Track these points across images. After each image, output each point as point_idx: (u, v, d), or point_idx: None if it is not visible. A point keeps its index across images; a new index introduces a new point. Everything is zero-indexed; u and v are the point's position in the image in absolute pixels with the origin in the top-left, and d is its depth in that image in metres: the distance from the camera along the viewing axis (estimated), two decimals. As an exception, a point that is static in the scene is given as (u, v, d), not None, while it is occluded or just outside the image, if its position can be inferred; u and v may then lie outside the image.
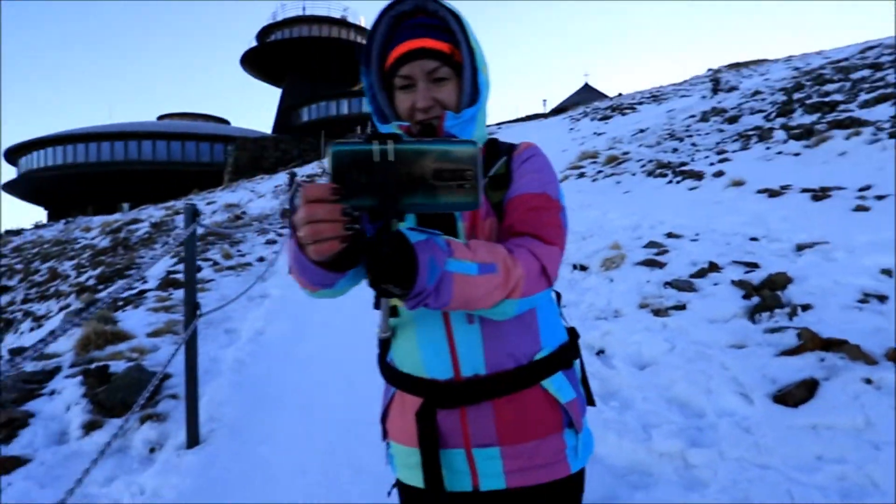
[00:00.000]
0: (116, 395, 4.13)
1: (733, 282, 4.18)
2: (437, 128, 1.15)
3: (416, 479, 1.23)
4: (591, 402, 1.32)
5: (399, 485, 1.32)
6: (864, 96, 9.64)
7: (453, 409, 1.17)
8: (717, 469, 2.44)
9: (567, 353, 1.24)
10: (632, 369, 3.52)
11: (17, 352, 6.42)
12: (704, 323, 3.73)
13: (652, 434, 2.81)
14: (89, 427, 3.89)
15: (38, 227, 26.42)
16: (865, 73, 11.79)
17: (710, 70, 28.81)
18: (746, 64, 27.56)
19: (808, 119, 9.57)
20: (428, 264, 0.91)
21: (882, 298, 3.49)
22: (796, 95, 11.71)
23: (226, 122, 57.85)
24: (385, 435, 1.33)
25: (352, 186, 0.87)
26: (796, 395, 2.71)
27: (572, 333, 1.30)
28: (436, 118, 1.15)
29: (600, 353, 3.89)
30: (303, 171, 23.50)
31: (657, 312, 4.13)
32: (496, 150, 1.25)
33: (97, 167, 43.95)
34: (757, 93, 14.06)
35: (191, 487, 2.94)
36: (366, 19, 57.76)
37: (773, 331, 3.36)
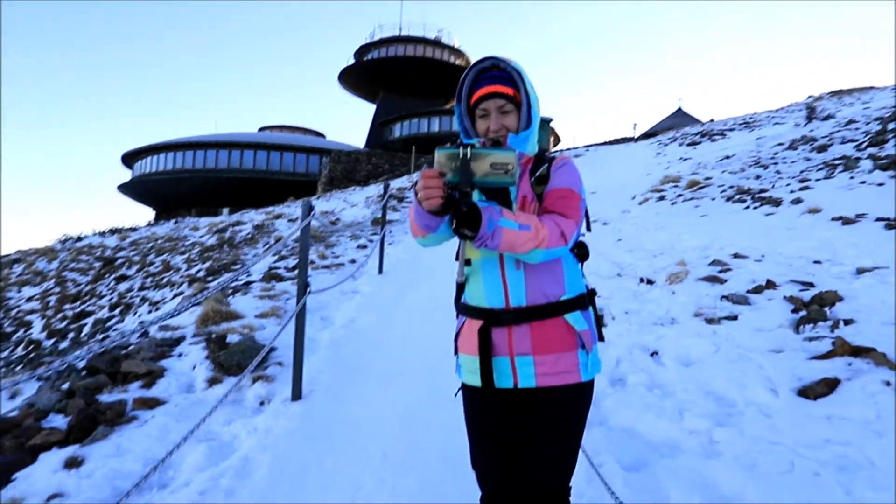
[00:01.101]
0: (233, 358, 4.94)
1: (786, 297, 4.47)
2: (503, 143, 1.79)
3: (475, 381, 1.82)
4: (601, 338, 1.86)
5: (463, 387, 1.91)
6: (963, 129, 9.34)
7: (503, 328, 1.77)
8: (734, 443, 2.85)
9: (583, 300, 1.80)
10: (678, 367, 3.92)
11: (146, 323, 7.49)
12: (751, 331, 4.07)
13: (685, 416, 3.23)
14: (211, 382, 4.71)
15: (150, 225, 29.06)
16: (972, 105, 11.28)
17: (810, 97, 27.75)
18: (850, 91, 26.38)
19: (900, 150, 9.38)
20: (487, 218, 1.55)
21: (924, 318, 3.71)
22: (892, 125, 11.39)
23: (321, 135, 60.85)
24: (456, 350, 1.92)
25: (446, 170, 1.51)
26: (817, 390, 3.05)
27: (592, 291, 1.86)
28: (502, 137, 1.79)
29: (654, 354, 4.30)
30: (395, 184, 24.70)
31: (710, 321, 4.48)
32: (542, 160, 1.86)
33: (202, 173, 47.45)
34: (852, 122, 13.69)
35: (296, 428, 3.62)
36: (459, 41, 59.27)
37: (811, 339, 3.68)
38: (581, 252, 1.88)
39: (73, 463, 3.52)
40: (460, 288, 1.89)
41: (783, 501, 2.36)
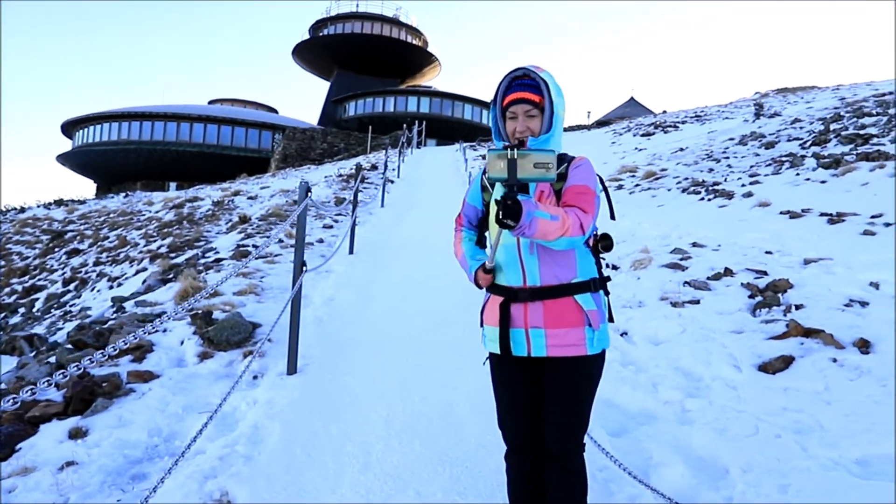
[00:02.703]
0: (222, 334, 5.06)
1: (742, 284, 4.92)
2: (524, 143, 2.05)
3: (495, 348, 2.09)
4: (611, 319, 2.16)
5: (490, 356, 2.18)
6: (897, 132, 10.13)
7: (520, 304, 2.06)
8: (705, 412, 3.23)
9: (592, 284, 2.09)
10: (648, 345, 4.30)
11: (120, 299, 7.46)
12: (713, 314, 4.49)
13: (658, 389, 3.59)
14: (202, 356, 4.83)
15: (98, 198, 28.02)
16: (904, 109, 12.19)
17: (757, 93, 28.99)
18: (794, 89, 27.70)
19: (840, 150, 10.11)
20: (526, 211, 1.80)
21: (864, 304, 4.19)
22: (833, 126, 12.20)
23: (274, 110, 59.38)
24: (482, 323, 2.19)
25: (496, 167, 1.75)
26: (775, 365, 3.47)
27: (605, 278, 2.14)
28: (525, 137, 2.06)
29: (624, 334, 4.67)
30: (350, 164, 24.59)
31: (675, 304, 4.88)
32: (562, 159, 2.13)
33: (149, 145, 45.79)
34: (797, 120, 14.53)
35: (298, 399, 3.82)
36: (417, 20, 58.65)
37: (767, 322, 4.11)
38: (606, 244, 2.15)
39: (77, 433, 3.62)
40: (488, 271, 2.14)
41: (752, 459, 2.74)
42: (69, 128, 50.30)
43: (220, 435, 3.51)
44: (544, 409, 2.09)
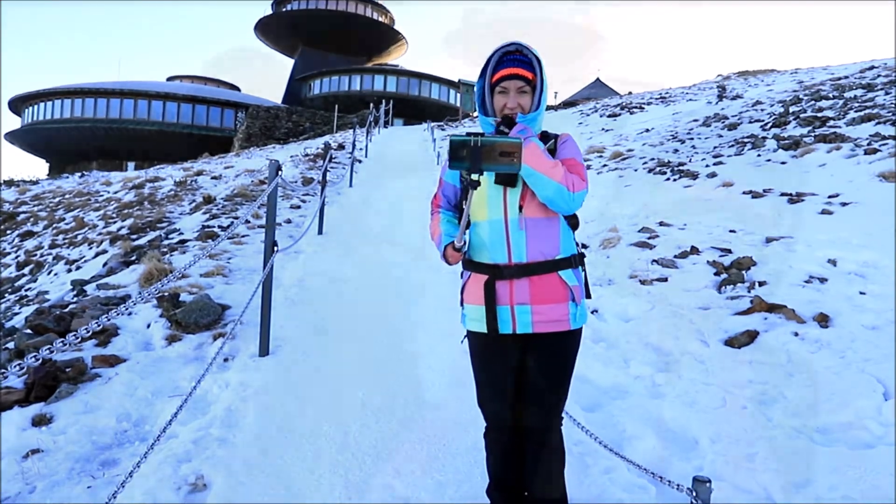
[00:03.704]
0: (191, 316, 4.97)
1: (708, 262, 5.04)
2: (513, 119, 2.06)
3: (480, 327, 2.10)
4: (588, 296, 2.18)
5: (469, 334, 2.18)
6: (852, 114, 10.46)
7: (505, 281, 2.05)
8: (675, 385, 3.32)
9: (575, 260, 2.11)
10: (619, 322, 4.38)
11: (81, 282, 7.24)
12: (680, 291, 4.59)
13: (629, 364, 3.67)
14: (170, 339, 4.74)
15: (50, 178, 27.03)
16: (859, 92, 12.59)
17: (719, 76, 29.50)
18: (755, 73, 28.28)
19: (798, 131, 10.39)
20: (521, 129, 2.03)
21: (822, 280, 4.35)
22: (793, 108, 12.51)
23: (236, 88, 57.92)
24: (462, 302, 2.19)
25: (458, 156, 1.73)
26: (741, 340, 3.58)
27: (581, 254, 2.17)
28: (514, 114, 2.08)
29: (594, 311, 4.75)
30: (317, 143, 24.22)
31: (643, 282, 4.98)
32: (547, 136, 2.12)
33: (104, 123, 44.19)
34: (758, 103, 14.85)
35: (272, 381, 3.79)
36: (383, -3, 57.64)
37: (732, 298, 4.23)
38: (573, 221, 2.17)
39: (41, 420, 3.53)
40: (458, 249, 2.07)
41: (720, 429, 2.83)
42: (18, 104, 48.18)
43: (193, 419, 3.46)
44: (527, 385, 2.11)
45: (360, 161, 15.86)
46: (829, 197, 6.62)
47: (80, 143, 44.61)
